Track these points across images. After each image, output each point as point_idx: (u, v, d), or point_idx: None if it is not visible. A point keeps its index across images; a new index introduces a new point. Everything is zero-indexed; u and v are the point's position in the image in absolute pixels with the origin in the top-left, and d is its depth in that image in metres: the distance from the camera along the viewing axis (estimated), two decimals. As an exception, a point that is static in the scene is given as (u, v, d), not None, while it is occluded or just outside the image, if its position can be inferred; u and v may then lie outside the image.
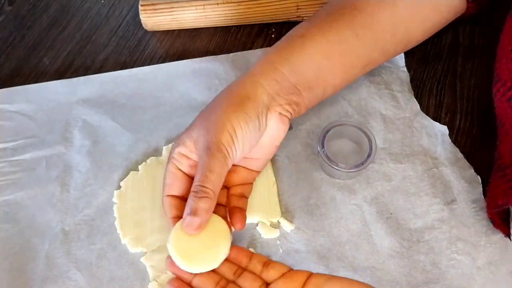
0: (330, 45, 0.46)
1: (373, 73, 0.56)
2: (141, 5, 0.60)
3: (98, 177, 0.51)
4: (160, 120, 0.55)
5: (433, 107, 0.55)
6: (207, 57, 0.59)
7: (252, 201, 0.48)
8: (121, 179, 0.51)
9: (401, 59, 0.58)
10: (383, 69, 0.57)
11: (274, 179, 0.50)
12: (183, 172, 0.44)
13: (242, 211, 0.45)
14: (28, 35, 0.64)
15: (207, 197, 0.41)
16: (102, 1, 0.67)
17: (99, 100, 0.56)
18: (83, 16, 0.65)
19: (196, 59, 0.59)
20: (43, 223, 0.49)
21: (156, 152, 0.53)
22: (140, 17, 0.60)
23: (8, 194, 0.50)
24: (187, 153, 0.44)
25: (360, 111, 0.54)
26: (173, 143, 0.46)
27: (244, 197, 0.47)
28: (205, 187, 0.41)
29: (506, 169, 0.43)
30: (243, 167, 0.47)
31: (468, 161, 0.51)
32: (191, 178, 0.44)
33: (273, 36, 0.62)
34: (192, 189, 0.41)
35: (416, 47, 0.59)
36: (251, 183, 0.48)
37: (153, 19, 0.61)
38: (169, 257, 0.42)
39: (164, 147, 0.53)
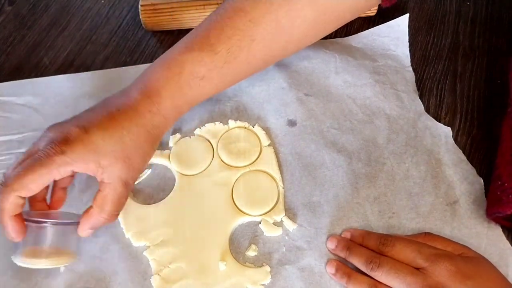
0: None
1: (378, 72, 0.56)
2: (141, 5, 0.60)
3: (103, 171, 0.51)
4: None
5: (433, 107, 0.55)
6: None
7: (255, 199, 0.49)
8: (126, 173, 0.51)
9: (406, 59, 0.58)
10: (388, 68, 0.57)
11: (279, 175, 0.50)
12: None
13: None
14: (28, 35, 0.64)
15: None
16: (102, 1, 0.67)
17: (105, 95, 0.56)
18: (83, 16, 0.65)
19: None
20: (47, 215, 0.49)
21: (161, 146, 0.53)
22: (140, 17, 0.61)
23: (14, 186, 0.51)
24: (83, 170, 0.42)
25: (365, 110, 0.54)
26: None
27: None
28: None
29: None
30: None
31: (468, 161, 0.51)
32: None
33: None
34: None
35: (417, 47, 0.59)
36: None
37: (153, 19, 0.61)
38: None
39: (170, 136, 0.53)
